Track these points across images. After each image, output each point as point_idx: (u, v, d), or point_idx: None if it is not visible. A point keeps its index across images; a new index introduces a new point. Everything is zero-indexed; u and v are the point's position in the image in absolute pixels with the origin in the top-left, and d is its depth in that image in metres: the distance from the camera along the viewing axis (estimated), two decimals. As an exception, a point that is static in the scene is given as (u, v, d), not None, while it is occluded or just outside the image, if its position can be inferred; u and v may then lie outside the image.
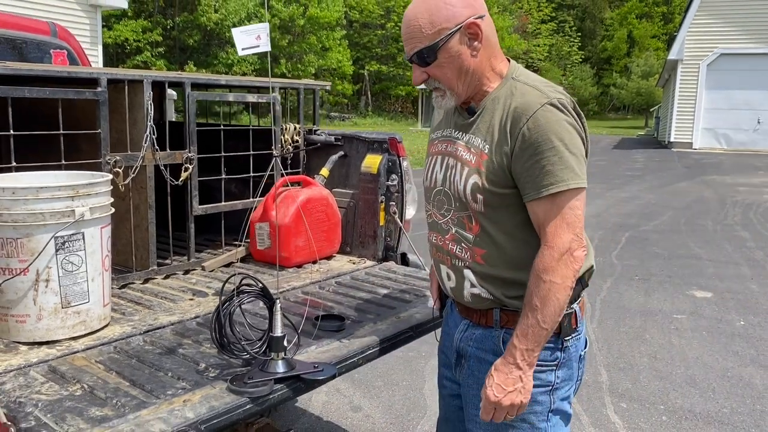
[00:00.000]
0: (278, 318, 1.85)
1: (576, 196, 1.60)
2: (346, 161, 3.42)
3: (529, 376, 1.65)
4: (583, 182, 1.61)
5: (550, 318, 1.62)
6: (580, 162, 1.61)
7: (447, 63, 1.68)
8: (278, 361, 1.85)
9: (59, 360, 2.01)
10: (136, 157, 2.72)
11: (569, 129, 1.60)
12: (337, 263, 3.25)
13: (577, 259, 1.60)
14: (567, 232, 1.59)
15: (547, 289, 1.60)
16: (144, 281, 2.85)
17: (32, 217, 2.04)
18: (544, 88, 1.66)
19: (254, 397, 1.77)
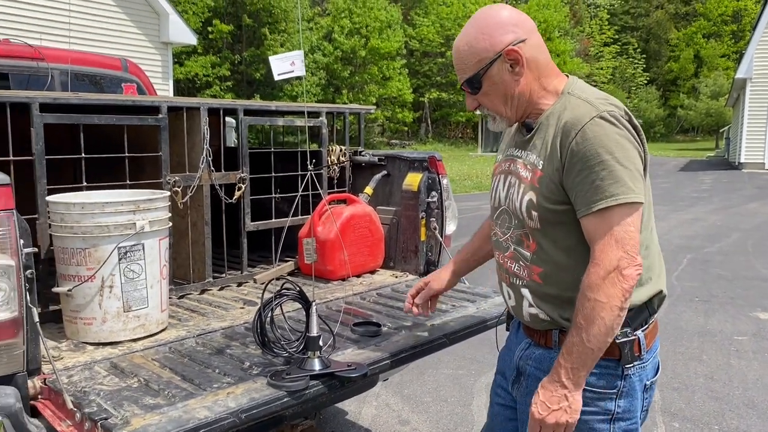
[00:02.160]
0: (314, 319, 2.00)
1: (628, 211, 1.54)
2: (389, 180, 3.58)
3: (576, 395, 1.59)
4: (637, 197, 1.55)
5: (594, 338, 1.55)
6: (633, 176, 1.55)
7: (491, 90, 1.72)
8: (314, 360, 2.00)
9: (120, 358, 2.23)
10: (193, 177, 2.96)
11: (620, 141, 1.55)
12: (380, 277, 3.39)
13: (626, 277, 1.53)
14: (616, 249, 1.53)
15: (591, 307, 1.55)
16: (201, 292, 3.08)
17: (99, 229, 2.28)
18: (595, 101, 1.62)
19: (291, 391, 1.92)
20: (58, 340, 2.39)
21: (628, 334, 1.66)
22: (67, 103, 2.57)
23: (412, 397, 4.32)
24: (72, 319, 2.36)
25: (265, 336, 2.08)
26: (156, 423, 1.71)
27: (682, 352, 5.09)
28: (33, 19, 10.64)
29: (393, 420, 3.99)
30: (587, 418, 1.65)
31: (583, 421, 1.63)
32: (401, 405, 4.20)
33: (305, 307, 2.08)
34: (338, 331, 2.33)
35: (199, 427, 1.71)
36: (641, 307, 1.69)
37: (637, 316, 1.69)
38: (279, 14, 29.93)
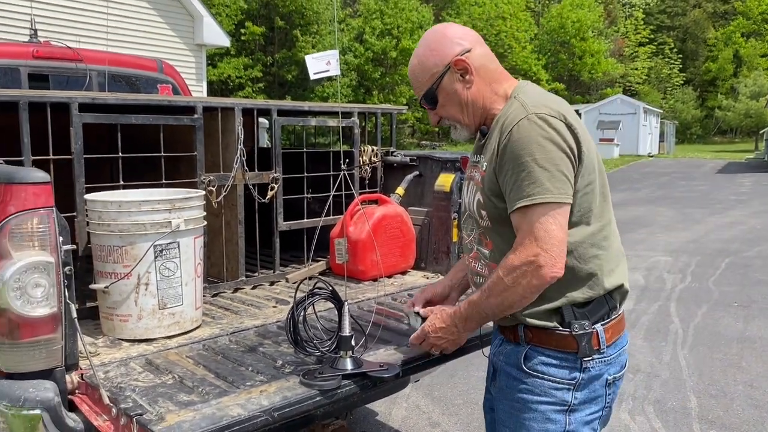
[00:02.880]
0: (347, 319, 2.00)
1: (547, 210, 1.62)
2: (421, 181, 3.56)
3: (464, 335, 1.92)
4: (555, 197, 1.62)
5: (490, 308, 1.76)
6: (553, 176, 1.62)
7: (447, 101, 1.84)
8: (346, 359, 2.00)
9: (155, 354, 2.25)
10: (227, 177, 2.99)
11: (542, 143, 1.62)
12: (411, 278, 3.38)
13: (540, 275, 1.62)
14: (534, 246, 1.62)
15: (498, 283, 1.69)
16: (234, 290, 3.10)
17: (135, 227, 2.31)
18: (530, 103, 1.70)
19: (323, 390, 1.92)
20: (94, 336, 2.43)
21: (586, 327, 1.71)
22: (105, 103, 2.61)
23: (443, 399, 4.30)
24: (108, 315, 2.39)
25: (298, 335, 2.08)
26: (190, 419, 1.72)
27: (720, 359, 4.97)
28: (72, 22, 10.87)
29: (423, 422, 3.97)
30: (543, 408, 1.74)
31: (539, 410, 1.75)
32: (432, 407, 4.18)
33: (338, 306, 2.08)
34: (370, 331, 2.32)
35: (232, 425, 1.72)
36: (600, 300, 1.75)
37: (596, 309, 1.74)
38: (311, 16, 30.11)
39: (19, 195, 1.88)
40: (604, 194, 1.77)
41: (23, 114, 2.39)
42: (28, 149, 2.41)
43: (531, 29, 41.59)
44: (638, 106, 33.28)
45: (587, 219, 1.72)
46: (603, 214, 1.76)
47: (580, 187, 1.69)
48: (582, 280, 1.73)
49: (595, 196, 1.73)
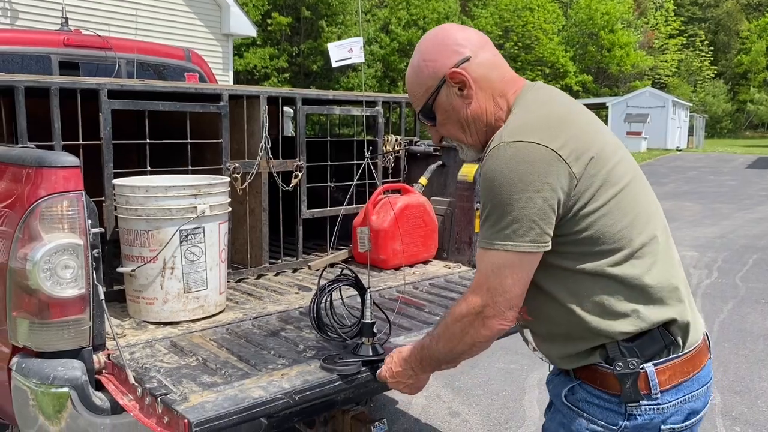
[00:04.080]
0: (369, 306, 2.02)
1: (504, 260, 1.41)
2: (444, 170, 3.56)
3: (422, 377, 1.74)
4: (515, 246, 1.40)
5: (440, 355, 1.60)
6: (516, 221, 1.39)
7: (446, 119, 1.63)
8: (368, 346, 2.01)
9: (180, 337, 2.30)
10: (252, 164, 3.02)
11: (508, 179, 1.39)
12: (432, 267, 3.39)
13: (487, 326, 1.46)
14: (485, 295, 1.44)
15: (444, 328, 1.56)
16: (257, 277, 3.14)
17: (161, 212, 2.35)
18: (512, 124, 1.49)
19: (342, 375, 1.94)
20: (121, 318, 2.48)
21: (632, 365, 1.45)
22: (134, 90, 2.65)
23: (463, 389, 4.31)
24: (135, 298, 2.44)
25: (321, 320, 2.11)
26: (213, 400, 1.76)
27: (746, 355, 4.91)
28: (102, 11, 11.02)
29: (443, 411, 3.99)
30: None
31: None
32: (452, 396, 4.19)
33: (361, 293, 2.09)
34: (393, 319, 2.34)
35: (254, 406, 1.75)
36: (653, 333, 1.47)
37: (648, 345, 1.47)
38: (337, 6, 30.08)
39: (50, 178, 1.92)
40: (636, 211, 1.49)
41: (54, 99, 2.44)
42: (59, 134, 2.47)
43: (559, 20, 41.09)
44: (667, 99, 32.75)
45: (609, 243, 1.45)
46: (634, 234, 1.47)
47: (590, 210, 1.43)
48: (620, 314, 1.47)
49: (619, 215, 1.45)
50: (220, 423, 1.67)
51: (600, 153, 1.46)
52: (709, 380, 1.57)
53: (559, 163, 1.40)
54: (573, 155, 1.41)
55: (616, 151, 1.52)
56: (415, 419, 3.90)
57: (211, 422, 1.66)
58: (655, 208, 1.57)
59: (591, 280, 1.47)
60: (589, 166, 1.42)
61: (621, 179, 1.48)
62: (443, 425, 3.83)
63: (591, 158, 1.43)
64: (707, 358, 1.58)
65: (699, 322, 1.58)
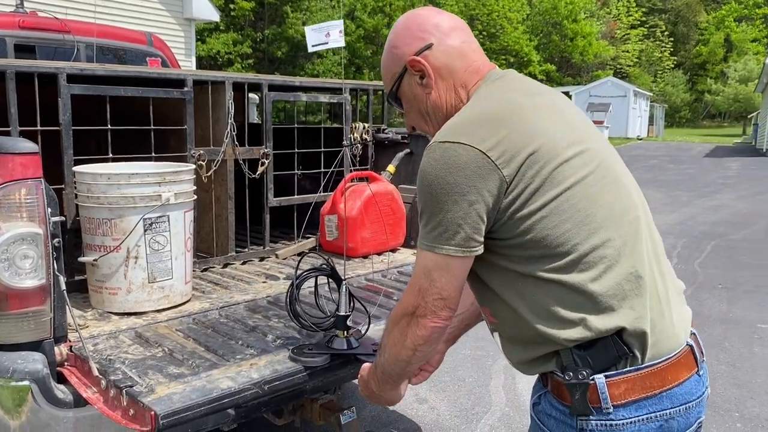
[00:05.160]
0: (344, 298, 2.00)
1: (436, 261, 1.36)
2: (413, 158, 3.56)
3: (385, 393, 1.66)
4: (441, 248, 1.35)
5: (389, 367, 1.54)
6: (440, 225, 1.34)
7: (409, 107, 1.59)
8: (342, 339, 2.00)
9: (145, 327, 2.25)
10: (217, 151, 2.97)
11: (433, 182, 1.33)
12: (401, 255, 3.39)
13: (421, 326, 1.42)
14: (417, 296, 1.41)
15: (386, 336, 1.52)
16: (223, 266, 3.10)
17: (125, 200, 2.30)
18: (451, 122, 1.41)
19: (308, 366, 1.93)
20: (83, 309, 2.42)
21: (582, 375, 1.35)
22: (95, 75, 2.57)
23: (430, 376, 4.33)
24: (97, 288, 2.38)
25: (297, 310, 2.09)
26: (180, 392, 1.73)
27: (703, 339, 5.01)
28: (59, -6, 10.69)
29: (410, 398, 4.00)
30: None
31: None
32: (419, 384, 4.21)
33: (337, 284, 2.08)
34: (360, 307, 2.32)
35: (222, 397, 1.73)
36: (605, 342, 1.35)
37: (601, 355, 1.35)
38: (302, -8, 29.81)
39: (7, 165, 1.85)
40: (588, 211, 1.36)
41: (10, 83, 2.35)
42: (16, 120, 2.38)
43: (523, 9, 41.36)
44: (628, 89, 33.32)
45: (553, 248, 1.36)
46: (582, 237, 1.36)
47: (526, 213, 1.34)
48: (567, 321, 1.37)
49: (563, 216, 1.35)
50: (187, 415, 1.65)
51: (543, 150, 1.35)
52: (694, 398, 1.40)
53: (487, 165, 1.31)
54: (505, 156, 1.32)
55: (573, 144, 1.40)
56: (382, 407, 3.90)
57: (179, 414, 1.63)
58: (623, 207, 1.43)
59: (537, 285, 1.39)
60: (525, 167, 1.33)
61: (570, 177, 1.36)
62: (410, 412, 3.84)
63: (528, 157, 1.33)
64: (689, 372, 1.43)
65: (674, 334, 1.44)
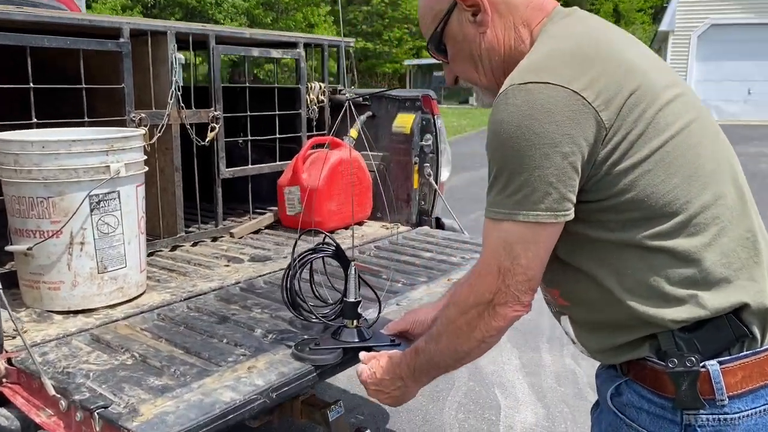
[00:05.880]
0: (353, 282, 1.69)
1: (517, 233, 1.14)
2: (374, 122, 3.25)
3: (412, 388, 1.43)
4: (528, 215, 1.12)
5: (442, 358, 1.33)
6: (528, 184, 1.10)
7: (457, 52, 1.34)
8: (352, 330, 1.69)
9: (101, 329, 1.84)
10: (161, 115, 2.53)
11: (516, 134, 1.10)
12: (369, 229, 3.09)
13: (499, 315, 1.19)
14: (494, 278, 1.17)
15: (446, 324, 1.29)
16: (172, 248, 2.68)
17: (65, 174, 1.86)
18: (528, 63, 1.18)
19: (319, 366, 1.62)
20: (15, 309, 1.96)
21: (690, 362, 1.13)
22: (11, 19, 2.08)
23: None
24: (32, 283, 1.94)
25: (295, 298, 1.75)
26: (173, 411, 1.37)
27: None
28: None
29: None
30: None
31: None
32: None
33: (343, 267, 1.76)
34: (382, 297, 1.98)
35: (227, 413, 1.40)
36: (718, 323, 1.14)
37: (712, 337, 1.14)
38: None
39: None
40: (696, 163, 1.15)
41: None
42: None
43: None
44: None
45: (658, 207, 1.14)
46: (693, 193, 1.14)
47: (628, 166, 1.13)
48: (673, 298, 1.15)
49: (670, 169, 1.13)
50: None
51: (643, 90, 1.14)
52: None
53: (583, 108, 1.09)
54: (602, 97, 1.10)
55: (669, 87, 1.19)
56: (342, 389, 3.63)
57: (182, 442, 1.29)
58: (725, 158, 1.22)
59: (636, 256, 1.16)
60: (626, 110, 1.12)
61: (673, 123, 1.15)
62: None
63: (628, 98, 1.12)
64: None
65: None
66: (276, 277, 2.32)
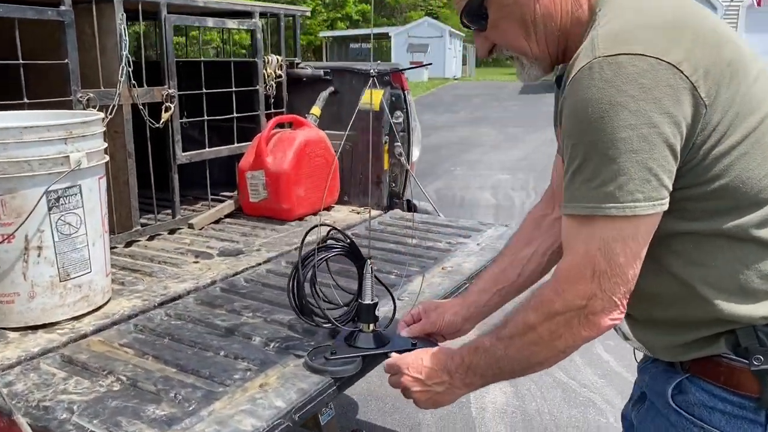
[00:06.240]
0: (369, 281, 1.50)
1: (614, 230, 1.00)
2: (337, 98, 3.04)
3: (457, 391, 1.26)
4: (627, 208, 0.98)
5: (509, 365, 1.18)
6: (624, 171, 0.97)
7: (502, 17, 1.17)
8: (368, 334, 1.51)
9: (71, 347, 1.58)
10: (111, 94, 2.23)
11: (609, 113, 0.96)
12: (339, 214, 2.90)
13: (593, 325, 1.05)
14: (589, 283, 1.03)
15: (523, 329, 1.13)
16: (126, 245, 2.39)
17: (15, 167, 1.57)
18: (605, 32, 1.02)
19: (338, 378, 1.44)
20: (-43, 327, 1.67)
21: None
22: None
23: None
24: (-20, 297, 1.64)
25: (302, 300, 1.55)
26: (190, 448, 1.17)
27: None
28: None
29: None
30: None
31: None
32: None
33: (357, 264, 1.57)
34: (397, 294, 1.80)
35: (252, 445, 1.20)
36: None
37: None
38: None
39: None
40: None
41: None
42: None
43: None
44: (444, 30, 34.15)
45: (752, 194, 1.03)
46: None
47: (724, 150, 1.02)
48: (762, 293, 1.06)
49: (764, 153, 1.03)
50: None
51: (736, 63, 1.02)
52: None
53: (681, 84, 0.96)
54: (700, 71, 0.97)
55: (755, 59, 1.07)
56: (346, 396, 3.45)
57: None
58: None
59: (723, 247, 1.06)
60: (723, 85, 1.00)
61: (764, 100, 1.04)
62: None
63: (723, 72, 1.00)
64: None
65: None
66: (258, 273, 2.11)
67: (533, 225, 1.54)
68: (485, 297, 1.51)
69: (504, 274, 1.52)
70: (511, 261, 1.52)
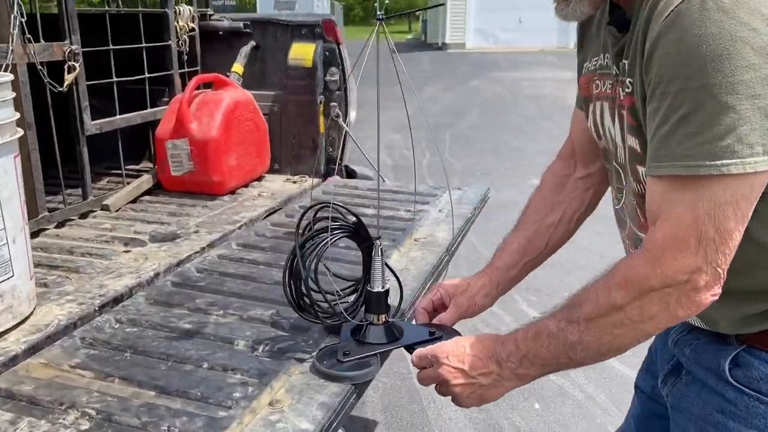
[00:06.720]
0: (380, 266, 1.28)
1: (728, 192, 0.87)
2: (259, 54, 2.71)
3: (505, 384, 1.09)
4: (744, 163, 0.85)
5: (580, 347, 1.01)
6: (746, 121, 0.83)
7: None
8: (379, 327, 1.30)
9: (5, 377, 1.23)
10: (2, 51, 1.80)
11: (723, 53, 0.82)
12: (272, 184, 2.61)
13: (691, 302, 0.93)
14: (690, 255, 0.90)
15: (604, 309, 0.97)
16: (34, 234, 1.98)
17: None
18: None
19: (357, 383, 1.22)
20: None
21: None
22: None
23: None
24: None
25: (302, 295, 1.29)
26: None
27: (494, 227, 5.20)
28: None
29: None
30: None
31: None
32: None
33: (363, 247, 1.33)
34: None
35: (288, 484, 0.97)
36: None
37: None
38: None
39: None
40: None
41: None
42: None
43: None
44: (311, -14, 33.35)
45: None
46: None
47: None
48: None
49: None
50: None
51: None
52: None
53: None
54: None
55: None
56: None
57: None
58: None
59: None
60: None
61: None
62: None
63: None
64: None
65: None
66: (209, 261, 1.81)
67: (555, 187, 1.40)
68: (513, 272, 1.36)
69: (531, 244, 1.37)
70: (536, 230, 1.37)
